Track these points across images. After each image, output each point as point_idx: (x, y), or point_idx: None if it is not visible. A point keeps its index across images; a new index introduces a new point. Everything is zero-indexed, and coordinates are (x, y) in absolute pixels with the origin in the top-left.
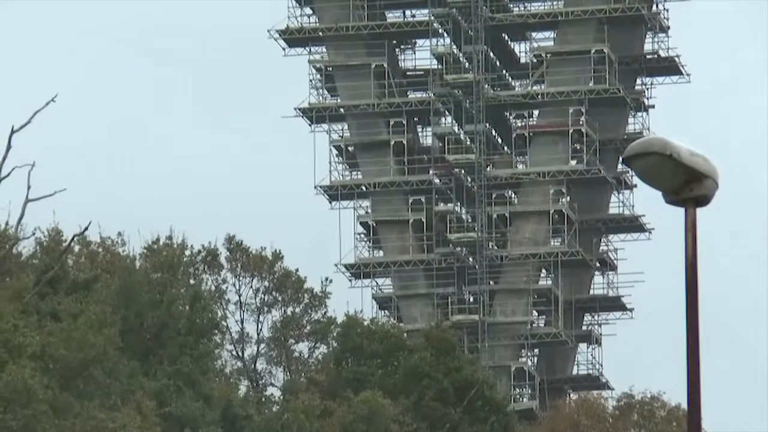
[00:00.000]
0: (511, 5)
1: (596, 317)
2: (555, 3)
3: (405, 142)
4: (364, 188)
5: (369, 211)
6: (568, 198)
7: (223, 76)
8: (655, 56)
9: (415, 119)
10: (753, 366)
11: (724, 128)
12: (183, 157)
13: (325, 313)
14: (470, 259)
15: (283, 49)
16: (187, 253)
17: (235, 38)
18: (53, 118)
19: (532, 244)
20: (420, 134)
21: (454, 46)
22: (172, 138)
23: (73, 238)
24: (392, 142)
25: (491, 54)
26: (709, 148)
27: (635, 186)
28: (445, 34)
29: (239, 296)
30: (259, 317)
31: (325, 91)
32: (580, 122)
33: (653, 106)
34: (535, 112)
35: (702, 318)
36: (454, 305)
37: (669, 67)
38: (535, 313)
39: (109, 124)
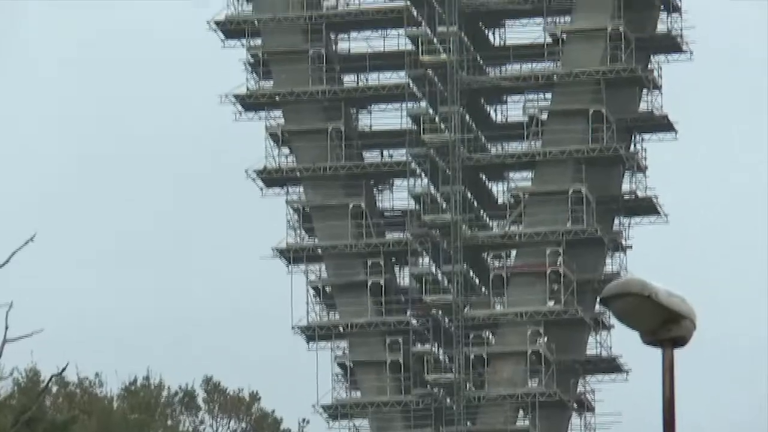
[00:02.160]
0: (489, 145)
1: None
2: (532, 143)
3: (382, 283)
4: (341, 329)
5: (346, 351)
6: (546, 339)
7: (199, 216)
8: (633, 196)
9: (393, 260)
10: None
11: (702, 268)
12: (159, 298)
13: None
14: (448, 399)
15: (261, 188)
16: (165, 394)
17: (213, 178)
18: (30, 257)
19: (509, 385)
20: (397, 275)
21: (432, 186)
22: (148, 280)
23: (50, 379)
24: (369, 283)
25: (469, 194)
26: (686, 289)
27: (612, 326)
28: (423, 174)
29: None
30: None
31: (303, 231)
32: (558, 263)
33: (631, 247)
34: (513, 253)
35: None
36: None
37: (647, 207)
38: None
39: (84, 265)
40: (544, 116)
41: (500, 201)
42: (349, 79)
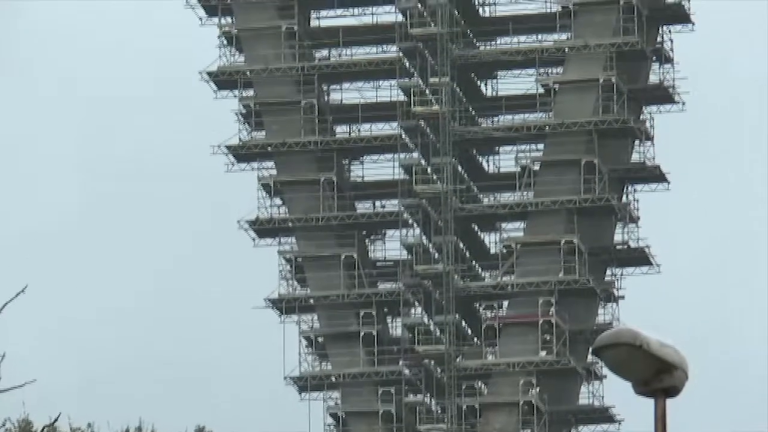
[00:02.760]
0: (481, 195)
1: None
2: (524, 193)
3: (375, 333)
4: (333, 379)
5: (339, 402)
6: (538, 389)
7: (191, 267)
8: (625, 247)
9: (385, 310)
10: None
11: (695, 319)
12: (151, 346)
13: None
14: None
15: (253, 239)
16: None
17: (205, 229)
18: (22, 308)
19: None
20: (390, 325)
21: (424, 237)
22: (140, 330)
23: (43, 429)
24: (362, 333)
25: (461, 244)
26: (679, 339)
27: (605, 377)
28: (415, 225)
29: None
30: None
31: (295, 282)
32: (550, 313)
33: (623, 297)
34: (505, 303)
35: None
36: None
37: (639, 257)
38: None
39: (76, 314)
40: (537, 167)
41: (492, 251)
42: (341, 130)
